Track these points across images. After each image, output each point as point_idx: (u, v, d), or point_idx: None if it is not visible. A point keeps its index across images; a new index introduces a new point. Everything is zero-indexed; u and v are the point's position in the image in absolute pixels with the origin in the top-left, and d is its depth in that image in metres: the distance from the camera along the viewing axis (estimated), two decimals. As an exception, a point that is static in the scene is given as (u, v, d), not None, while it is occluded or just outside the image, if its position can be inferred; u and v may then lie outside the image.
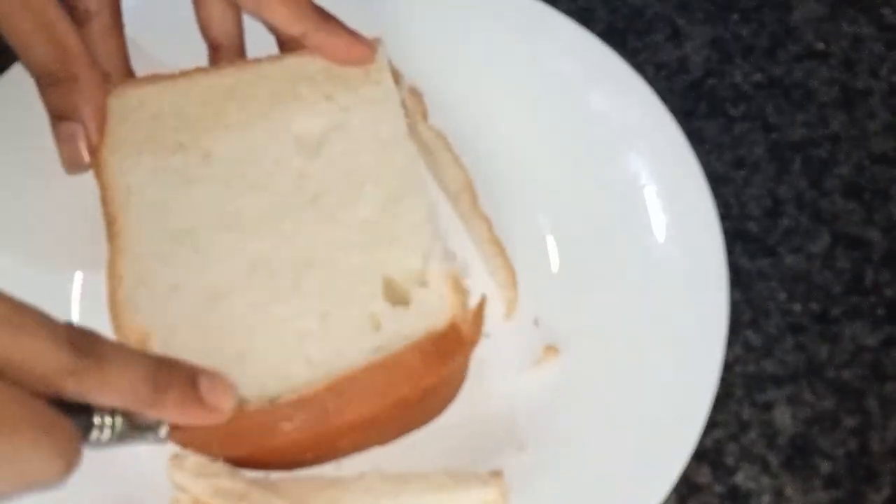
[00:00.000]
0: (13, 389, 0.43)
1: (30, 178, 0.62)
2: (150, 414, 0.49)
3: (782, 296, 0.64)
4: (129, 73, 0.63)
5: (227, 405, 0.51)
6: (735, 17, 0.73)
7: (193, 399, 0.50)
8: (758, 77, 0.71)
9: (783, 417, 0.60)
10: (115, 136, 0.60)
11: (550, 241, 0.62)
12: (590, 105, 0.65)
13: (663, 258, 0.60)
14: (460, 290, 0.55)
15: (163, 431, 0.50)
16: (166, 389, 0.49)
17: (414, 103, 0.64)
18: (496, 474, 0.54)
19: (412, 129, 0.61)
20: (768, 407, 0.61)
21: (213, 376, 0.51)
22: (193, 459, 0.52)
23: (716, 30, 0.73)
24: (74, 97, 0.59)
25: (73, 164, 0.60)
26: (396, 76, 0.63)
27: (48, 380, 0.44)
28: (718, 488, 0.59)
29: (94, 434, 0.47)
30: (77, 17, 0.62)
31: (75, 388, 0.45)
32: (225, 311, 0.55)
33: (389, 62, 0.62)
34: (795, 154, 0.69)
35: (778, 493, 0.58)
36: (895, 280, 0.64)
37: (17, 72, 0.63)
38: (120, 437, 0.48)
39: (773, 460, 0.59)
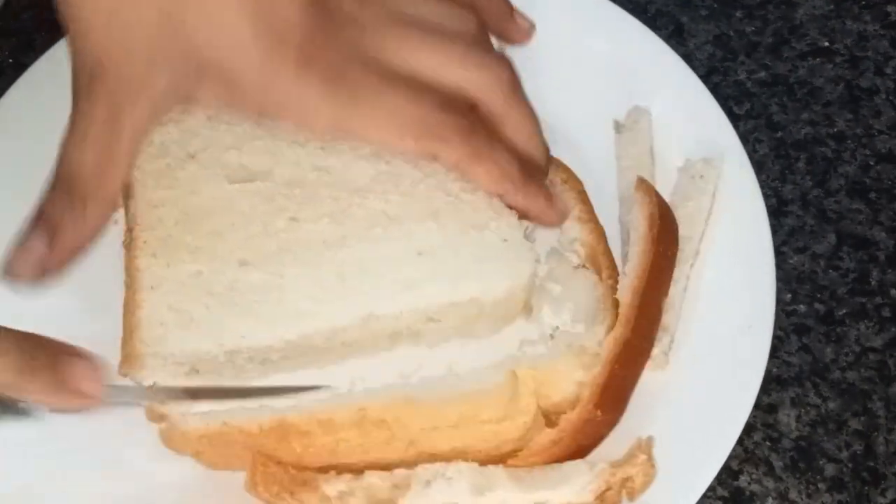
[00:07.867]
0: None
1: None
2: (20, 398, 0.47)
3: (787, 296, 0.63)
4: None
5: (93, 390, 0.49)
6: (739, 14, 0.73)
7: (59, 385, 0.48)
8: (762, 75, 0.71)
9: (787, 419, 0.60)
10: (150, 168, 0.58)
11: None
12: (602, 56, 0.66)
13: None
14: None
15: (42, 410, 0.49)
16: (32, 375, 0.47)
17: None
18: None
19: None
20: (772, 409, 0.60)
21: (77, 361, 0.48)
22: None
23: (719, 27, 0.72)
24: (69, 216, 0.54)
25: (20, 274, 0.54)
26: None
27: None
28: (721, 491, 0.58)
29: None
30: None
31: None
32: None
33: None
34: (800, 153, 0.68)
35: (782, 496, 0.58)
36: (901, 280, 0.64)
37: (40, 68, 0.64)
38: None
39: (778, 463, 0.59)
